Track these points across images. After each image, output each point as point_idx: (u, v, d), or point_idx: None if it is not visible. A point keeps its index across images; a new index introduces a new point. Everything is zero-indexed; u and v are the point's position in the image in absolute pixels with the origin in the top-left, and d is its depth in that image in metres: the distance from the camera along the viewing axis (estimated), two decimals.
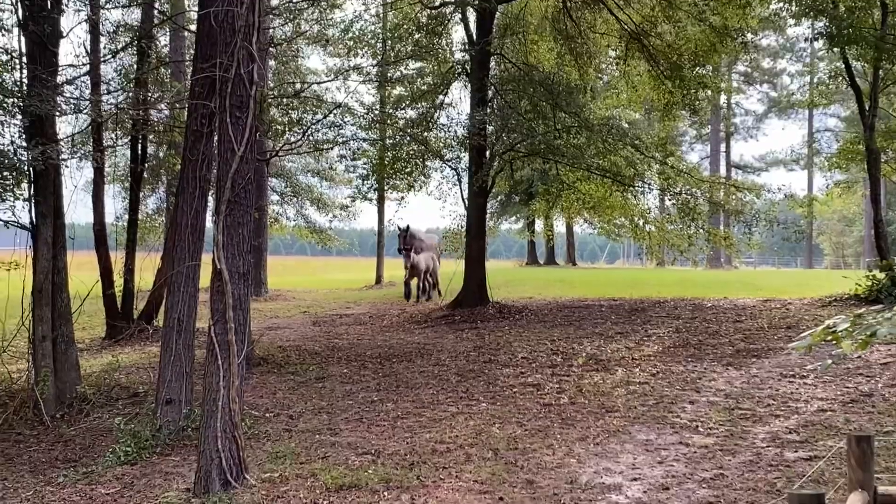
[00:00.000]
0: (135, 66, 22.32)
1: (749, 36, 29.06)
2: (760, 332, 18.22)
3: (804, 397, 14.17)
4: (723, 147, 61.77)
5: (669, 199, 29.44)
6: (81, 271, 19.41)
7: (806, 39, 31.45)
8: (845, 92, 29.99)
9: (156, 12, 23.85)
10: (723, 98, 43.92)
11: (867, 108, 25.19)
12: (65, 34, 18.18)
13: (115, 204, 24.86)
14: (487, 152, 24.98)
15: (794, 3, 25.51)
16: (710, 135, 57.42)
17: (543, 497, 11.04)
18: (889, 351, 15.45)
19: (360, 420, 14.45)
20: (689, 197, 27.92)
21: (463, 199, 26.84)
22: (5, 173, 18.45)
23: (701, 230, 29.00)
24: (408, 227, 33.93)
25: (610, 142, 24.73)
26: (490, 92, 24.75)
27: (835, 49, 25.53)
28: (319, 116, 27.82)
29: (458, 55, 28.37)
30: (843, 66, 26.30)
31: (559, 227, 48.90)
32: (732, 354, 16.84)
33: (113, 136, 22.94)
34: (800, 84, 44.29)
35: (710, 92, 31.75)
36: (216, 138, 13.43)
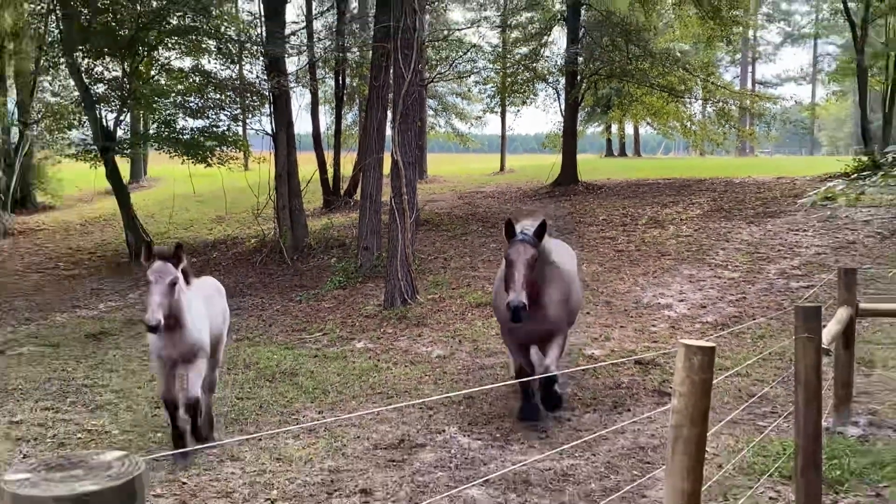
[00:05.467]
0: (336, 22, 22.32)
1: None
2: (774, 200, 17.56)
3: (805, 245, 13.73)
4: (749, 68, 58.69)
5: (710, 107, 28.85)
6: (305, 164, 19.82)
7: None
8: (842, 25, 28.06)
9: None
10: (750, 32, 41.47)
11: (859, 37, 23.68)
12: (289, 1, 18.30)
13: (325, 118, 25.13)
14: (578, 76, 24.35)
15: None
16: (741, 59, 54.33)
17: (618, 312, 11.08)
18: (869, 211, 14.76)
19: (491, 261, 14.55)
20: (724, 104, 27.35)
21: (561, 110, 26.18)
22: (254, 97, 18.95)
23: (733, 129, 28.53)
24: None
25: (667, 66, 24.01)
26: (581, 32, 23.94)
27: None
28: (460, 54, 27.60)
29: (558, 6, 27.58)
30: (842, 5, 24.57)
31: (629, 129, 47.38)
32: (753, 216, 16.33)
33: (322, 71, 23.15)
34: (808, 21, 41.49)
35: (741, 28, 30.36)
36: (391, 70, 13.51)
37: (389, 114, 15.60)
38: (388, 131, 14.69)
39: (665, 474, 2.83)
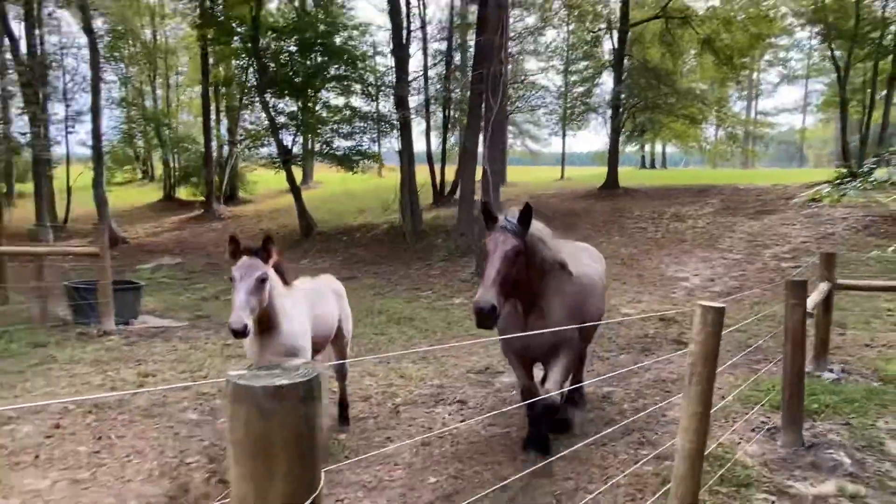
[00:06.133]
0: (444, 70, 22.34)
1: (772, 39, 25.79)
2: (770, 201, 16.59)
3: (794, 235, 12.97)
4: (753, 102, 55.60)
5: (722, 131, 27.62)
6: (420, 173, 19.92)
7: (808, 37, 27.63)
8: (829, 68, 26.26)
9: (454, 43, 23.64)
10: (755, 75, 39.11)
11: (841, 77, 22.09)
12: (411, 55, 18.46)
13: (435, 140, 25.20)
14: (620, 108, 23.56)
15: (803, 17, 22.87)
16: (747, 94, 51.61)
17: (647, 282, 10.79)
18: (846, 210, 13.80)
19: None
20: (732, 129, 26.15)
21: (607, 134, 25.49)
22: (386, 125, 19.29)
23: (738, 148, 27.24)
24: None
25: (689, 100, 23.06)
26: (623, 75, 23.16)
27: (825, 42, 22.61)
28: (533, 93, 27.27)
29: (607, 56, 26.71)
30: (830, 53, 22.95)
31: (658, 147, 45.63)
32: (753, 213, 15.50)
33: (434, 105, 23.23)
34: (801, 65, 38.79)
35: (748, 71, 28.85)
36: (483, 105, 13.44)
37: (481, 136, 15.59)
38: (480, 149, 14.68)
39: (682, 400, 2.78)
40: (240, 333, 3.40)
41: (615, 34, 23.72)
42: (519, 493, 3.70)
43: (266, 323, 3.82)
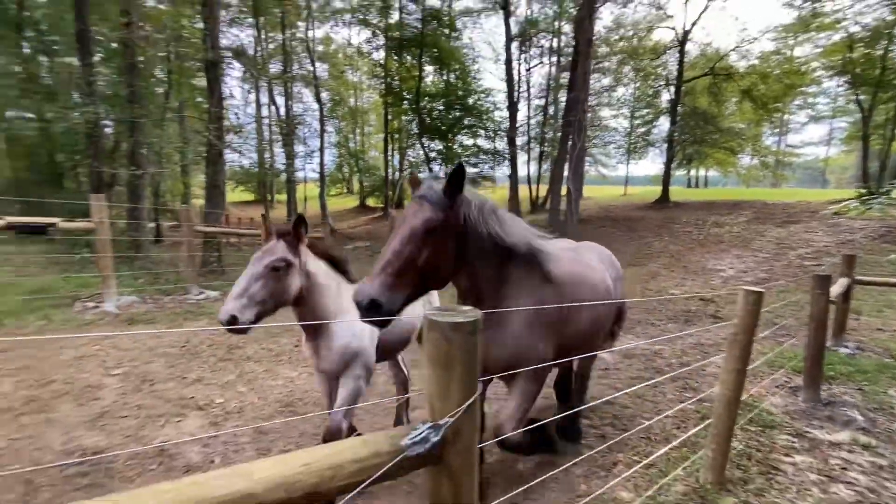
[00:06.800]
0: (542, 119, 21.61)
1: (802, 88, 21.97)
2: (795, 213, 14.28)
3: (816, 240, 11.10)
4: (783, 138, 47.81)
5: (757, 159, 24.20)
6: (522, 191, 19.50)
7: (836, 86, 22.98)
8: (853, 109, 21.93)
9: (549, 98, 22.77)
10: (785, 116, 33.61)
11: (865, 116, 18.43)
12: (519, 110, 18.06)
13: (532, 167, 24.48)
14: (674, 143, 21.40)
15: (832, 69, 19.30)
16: (778, 132, 44.60)
17: (691, 272, 9.84)
18: (864, 222, 11.54)
19: (618, 240, 13.38)
20: (765, 158, 22.77)
21: (662, 162, 23.24)
22: (500, 157, 19.03)
23: (770, 172, 23.71)
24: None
25: (730, 136, 20.44)
26: (677, 118, 21.00)
27: (851, 89, 18.95)
28: (606, 133, 25.56)
29: (664, 104, 24.28)
30: (855, 97, 19.17)
31: (702, 171, 40.85)
32: (781, 221, 13.44)
33: (533, 143, 22.57)
34: (827, 108, 32.44)
35: (780, 113, 24.84)
36: (570, 142, 12.90)
37: (566, 165, 14.97)
38: (565, 173, 14.10)
39: (724, 360, 2.54)
40: (227, 325, 1.96)
41: (672, 88, 21.54)
42: (587, 414, 3.59)
43: (310, 321, 2.30)
